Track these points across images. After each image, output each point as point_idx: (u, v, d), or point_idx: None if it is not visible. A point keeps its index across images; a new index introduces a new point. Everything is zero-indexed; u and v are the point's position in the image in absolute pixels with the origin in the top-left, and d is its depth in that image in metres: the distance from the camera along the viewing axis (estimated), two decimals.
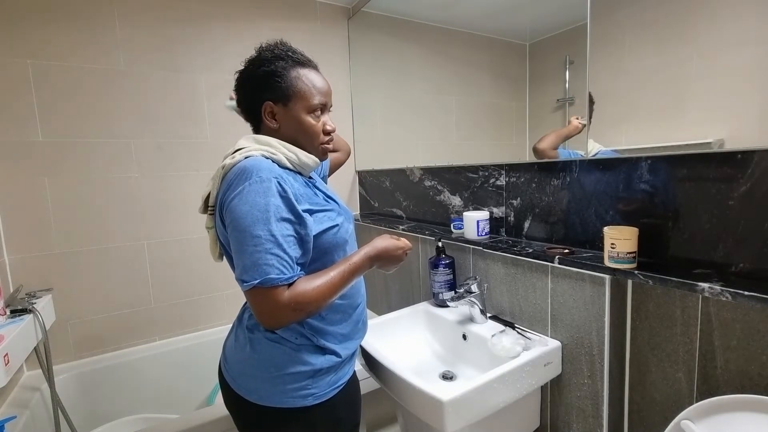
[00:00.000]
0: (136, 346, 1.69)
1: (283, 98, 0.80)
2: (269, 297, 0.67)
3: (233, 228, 0.70)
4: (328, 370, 0.81)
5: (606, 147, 1.01)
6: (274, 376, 0.77)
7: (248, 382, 0.80)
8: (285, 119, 0.81)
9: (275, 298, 0.67)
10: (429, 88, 1.82)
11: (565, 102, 1.20)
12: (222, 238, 0.79)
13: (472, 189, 1.39)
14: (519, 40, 1.40)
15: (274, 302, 0.67)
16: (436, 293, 1.33)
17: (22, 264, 1.47)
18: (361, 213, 2.17)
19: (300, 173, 0.83)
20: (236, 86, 0.85)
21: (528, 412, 1.10)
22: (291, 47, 0.83)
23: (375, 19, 1.95)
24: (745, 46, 0.78)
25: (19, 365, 1.12)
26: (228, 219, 0.71)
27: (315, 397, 0.78)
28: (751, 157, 0.73)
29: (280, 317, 0.69)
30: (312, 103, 0.81)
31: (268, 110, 0.81)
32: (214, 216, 0.80)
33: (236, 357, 0.83)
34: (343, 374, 0.84)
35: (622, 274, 0.88)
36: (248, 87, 0.82)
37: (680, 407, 0.80)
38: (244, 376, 0.80)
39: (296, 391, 0.77)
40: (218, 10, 1.74)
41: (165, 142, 1.68)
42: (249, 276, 0.67)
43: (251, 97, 0.82)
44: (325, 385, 0.80)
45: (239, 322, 0.88)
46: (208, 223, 0.84)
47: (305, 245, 0.74)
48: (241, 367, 0.81)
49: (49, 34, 1.46)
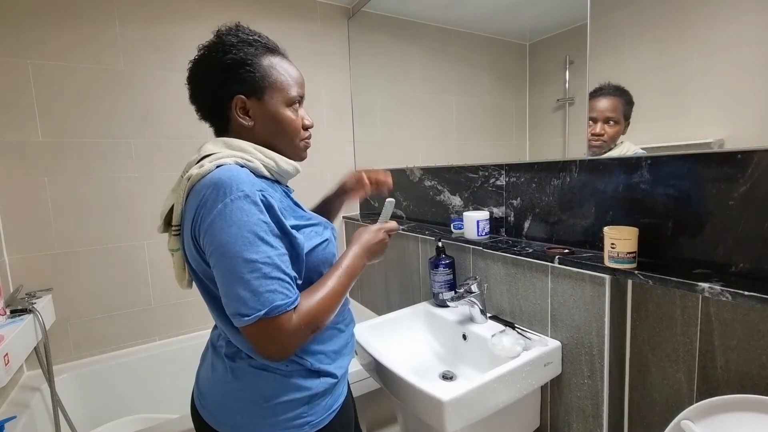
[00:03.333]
0: (136, 346, 1.70)
1: (256, 91, 0.69)
2: (278, 326, 0.59)
3: (220, 256, 0.59)
4: (324, 393, 0.72)
5: (638, 146, 0.97)
6: (264, 408, 0.68)
7: (232, 417, 0.69)
8: (260, 115, 0.71)
9: (285, 325, 0.59)
10: (429, 88, 1.82)
11: (565, 102, 1.20)
12: (194, 264, 0.67)
13: (472, 189, 1.39)
14: (519, 40, 1.40)
15: (284, 330, 0.59)
16: (436, 293, 1.33)
17: (22, 264, 1.47)
18: (360, 213, 2.17)
19: (278, 182, 0.74)
20: (193, 78, 0.72)
21: (528, 412, 1.10)
22: (256, 31, 0.73)
23: (375, 19, 1.95)
24: (745, 46, 0.78)
25: (19, 365, 1.12)
26: (210, 246, 0.60)
27: (312, 425, 0.69)
28: (751, 157, 0.73)
29: (290, 345, 0.61)
30: (290, 95, 0.72)
31: (239, 105, 0.69)
32: (179, 237, 0.69)
33: (215, 390, 0.72)
34: (338, 396, 0.76)
35: (622, 274, 0.88)
36: (211, 79, 0.70)
37: (680, 407, 0.80)
38: (226, 410, 0.70)
39: (290, 421, 0.68)
40: (218, 10, 1.74)
41: (165, 142, 1.68)
42: (250, 308, 0.57)
43: (216, 91, 0.70)
44: (321, 410, 0.71)
45: (214, 350, 0.77)
46: (171, 244, 0.72)
47: (299, 264, 0.66)
48: (222, 400, 0.70)
49: (49, 34, 1.46)
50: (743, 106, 0.79)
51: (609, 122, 1.00)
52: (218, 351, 0.75)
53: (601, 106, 1.02)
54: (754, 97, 0.77)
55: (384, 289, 1.85)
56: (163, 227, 0.75)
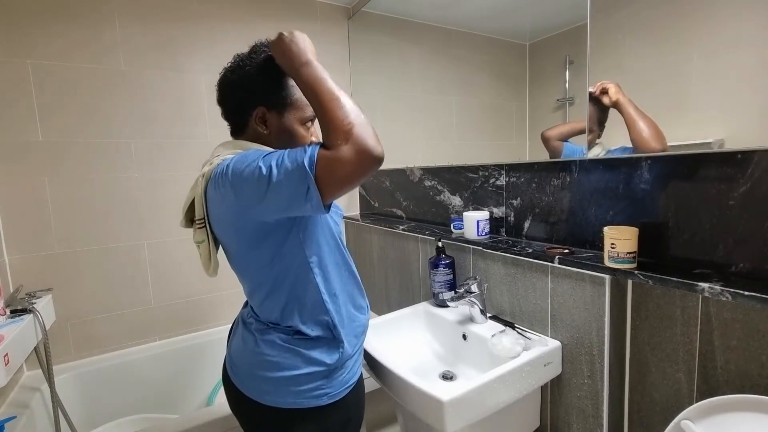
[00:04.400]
0: (136, 346, 1.69)
1: (277, 105, 0.77)
2: (328, 153, 0.61)
3: (242, 185, 0.65)
4: (341, 368, 0.80)
5: (612, 147, 1.00)
6: (287, 378, 0.76)
7: (258, 385, 0.78)
8: (276, 127, 0.78)
9: (328, 151, 0.62)
10: (429, 88, 1.82)
11: (565, 102, 1.20)
12: (225, 237, 0.77)
13: (472, 189, 1.39)
14: (519, 40, 1.40)
15: (337, 152, 0.61)
16: (436, 293, 1.33)
17: (22, 264, 1.47)
18: (361, 213, 2.17)
19: None
20: (226, 84, 0.80)
21: (528, 412, 1.10)
22: None
23: (375, 19, 1.95)
24: (745, 47, 0.78)
25: (19, 365, 1.12)
26: (229, 196, 0.68)
27: (329, 397, 0.78)
28: (751, 157, 0.73)
29: (362, 151, 0.63)
30: (306, 114, 0.79)
31: (259, 115, 0.77)
32: (204, 229, 0.77)
33: (245, 359, 0.81)
34: (353, 374, 0.84)
35: (622, 274, 0.88)
36: (241, 87, 0.77)
37: (680, 407, 0.80)
38: (255, 378, 0.79)
39: (310, 392, 0.77)
40: (218, 10, 1.74)
41: (165, 142, 1.68)
42: (297, 162, 0.61)
43: (243, 98, 0.78)
44: (338, 384, 0.79)
45: (244, 325, 0.86)
46: (196, 237, 0.79)
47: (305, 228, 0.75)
48: (251, 369, 0.80)
49: (49, 34, 1.46)
50: (743, 106, 0.79)
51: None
52: (248, 326, 0.84)
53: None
54: (754, 97, 0.77)
55: (384, 289, 1.85)
56: (185, 222, 0.82)
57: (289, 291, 0.78)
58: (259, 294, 0.80)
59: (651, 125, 0.91)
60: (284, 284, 0.77)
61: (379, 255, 1.84)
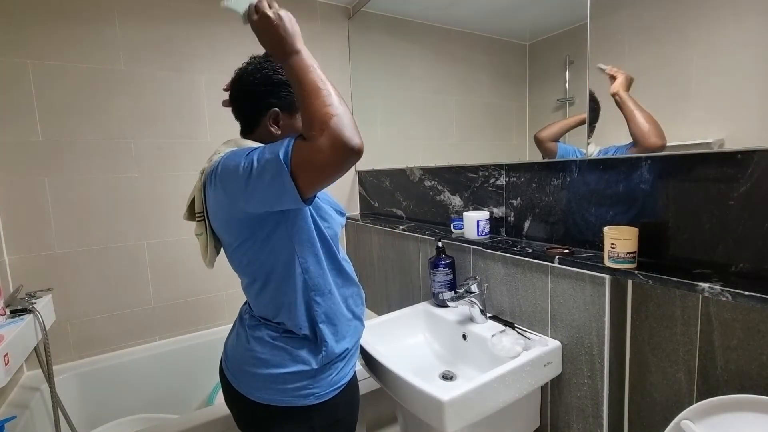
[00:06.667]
0: (136, 346, 1.69)
1: (290, 108, 0.80)
2: (304, 145, 0.63)
3: (228, 180, 0.69)
4: (328, 369, 0.80)
5: (605, 146, 1.01)
6: (274, 375, 0.78)
7: (249, 381, 0.80)
8: (287, 128, 0.81)
9: (304, 142, 0.63)
10: (429, 88, 1.82)
11: (565, 102, 1.20)
12: (220, 231, 0.80)
13: (472, 189, 1.39)
14: (519, 40, 1.40)
15: (312, 143, 0.62)
16: (436, 293, 1.33)
17: (22, 264, 1.47)
18: (361, 213, 2.17)
19: None
20: (240, 84, 0.82)
21: (528, 412, 1.10)
22: None
23: (375, 19, 1.95)
24: (746, 47, 0.78)
25: (19, 365, 1.12)
26: (220, 191, 0.71)
27: (316, 397, 0.79)
28: (751, 157, 0.73)
29: (337, 142, 0.61)
30: None
31: (272, 116, 0.80)
32: (203, 222, 0.81)
33: (237, 355, 0.84)
34: (344, 375, 0.84)
35: (622, 274, 0.88)
36: (257, 89, 0.79)
37: (680, 407, 0.80)
38: (245, 374, 0.81)
39: (297, 391, 0.78)
40: (218, 10, 1.74)
41: (165, 142, 1.68)
42: (274, 154, 0.63)
43: (257, 100, 0.80)
44: (326, 385, 0.80)
45: (240, 321, 0.88)
46: (196, 229, 0.84)
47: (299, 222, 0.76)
48: (242, 365, 0.82)
49: (49, 33, 1.46)
50: (743, 106, 0.79)
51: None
52: (243, 322, 0.87)
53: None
54: (754, 97, 0.77)
55: (384, 289, 1.85)
56: (188, 215, 0.86)
57: (279, 287, 0.79)
58: (253, 288, 0.82)
59: (650, 120, 0.91)
60: (275, 280, 0.79)
61: (379, 255, 1.84)
